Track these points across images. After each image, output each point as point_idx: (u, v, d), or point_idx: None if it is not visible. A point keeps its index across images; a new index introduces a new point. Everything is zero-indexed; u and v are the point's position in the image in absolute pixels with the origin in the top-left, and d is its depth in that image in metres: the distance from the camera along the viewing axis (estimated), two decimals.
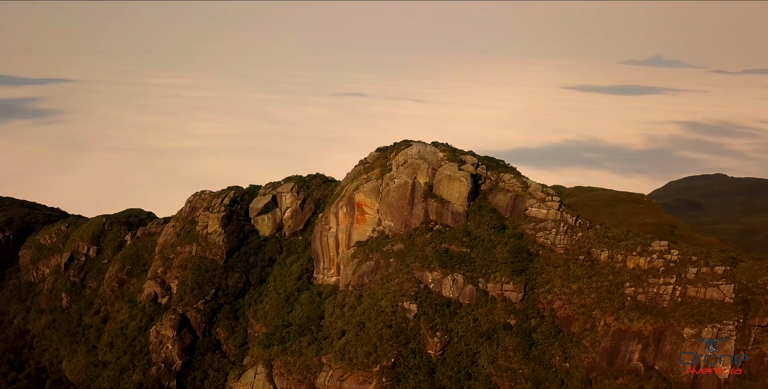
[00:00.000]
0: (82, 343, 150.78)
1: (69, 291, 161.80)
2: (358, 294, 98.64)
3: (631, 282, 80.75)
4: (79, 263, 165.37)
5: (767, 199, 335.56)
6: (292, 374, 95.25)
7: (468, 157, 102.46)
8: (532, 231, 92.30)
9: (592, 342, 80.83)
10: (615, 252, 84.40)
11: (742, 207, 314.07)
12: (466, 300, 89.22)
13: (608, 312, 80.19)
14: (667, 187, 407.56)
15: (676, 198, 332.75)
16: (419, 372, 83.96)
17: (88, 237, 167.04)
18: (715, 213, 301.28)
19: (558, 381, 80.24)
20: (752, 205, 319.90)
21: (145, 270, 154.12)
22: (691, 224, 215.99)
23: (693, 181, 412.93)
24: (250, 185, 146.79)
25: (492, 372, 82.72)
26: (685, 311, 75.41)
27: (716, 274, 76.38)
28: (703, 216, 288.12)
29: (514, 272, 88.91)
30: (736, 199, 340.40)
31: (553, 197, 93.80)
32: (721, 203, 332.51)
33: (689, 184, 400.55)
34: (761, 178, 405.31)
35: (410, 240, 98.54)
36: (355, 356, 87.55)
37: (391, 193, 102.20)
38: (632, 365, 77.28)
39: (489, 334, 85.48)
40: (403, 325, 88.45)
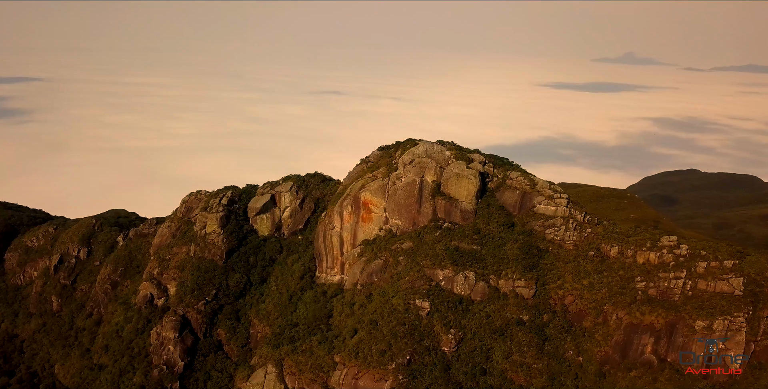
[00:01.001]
0: (75, 346, 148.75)
1: (59, 294, 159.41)
2: (367, 292, 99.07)
3: (641, 277, 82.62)
4: (69, 265, 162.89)
5: (740, 194, 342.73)
6: (304, 373, 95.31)
7: (475, 155, 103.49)
8: (541, 227, 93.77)
9: (604, 336, 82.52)
10: (625, 248, 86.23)
11: (716, 202, 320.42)
12: (478, 296, 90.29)
13: (620, 306, 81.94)
14: (642, 182, 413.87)
15: (651, 194, 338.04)
16: (434, 368, 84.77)
17: (77, 239, 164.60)
18: (691, 208, 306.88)
19: (572, 374, 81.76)
20: (726, 200, 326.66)
21: (139, 272, 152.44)
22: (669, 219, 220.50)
23: (667, 176, 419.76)
24: (247, 185, 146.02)
25: (507, 368, 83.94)
26: (696, 304, 77.49)
27: (725, 268, 78.59)
28: (678, 211, 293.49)
29: (525, 268, 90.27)
30: (710, 194, 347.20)
31: (561, 194, 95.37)
32: (696, 198, 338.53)
33: (664, 179, 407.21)
34: (733, 172, 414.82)
35: (419, 239, 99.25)
36: (369, 354, 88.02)
37: (398, 191, 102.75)
38: (645, 358, 79.14)
39: (502, 330, 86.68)
40: (416, 323, 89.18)
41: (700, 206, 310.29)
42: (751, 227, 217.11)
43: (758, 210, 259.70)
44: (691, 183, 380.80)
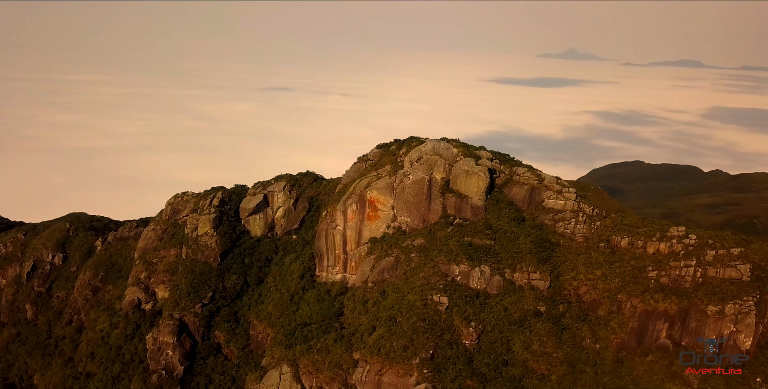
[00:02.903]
0: (55, 355, 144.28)
1: (34, 301, 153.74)
2: (380, 289, 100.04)
3: (653, 266, 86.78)
4: (43, 272, 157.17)
5: (685, 184, 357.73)
6: (321, 372, 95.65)
7: (482, 152, 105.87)
8: (551, 221, 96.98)
9: (619, 324, 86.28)
10: (635, 239, 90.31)
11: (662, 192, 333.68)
12: (494, 290, 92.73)
13: (633, 294, 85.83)
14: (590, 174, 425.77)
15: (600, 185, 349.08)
16: (457, 361, 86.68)
17: (52, 244, 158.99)
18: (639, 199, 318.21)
19: (591, 362, 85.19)
20: (672, 190, 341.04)
21: (121, 277, 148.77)
22: None
23: (614, 168, 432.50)
24: (235, 185, 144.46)
25: (528, 358, 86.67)
26: (707, 290, 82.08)
27: (732, 255, 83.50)
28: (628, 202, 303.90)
29: (540, 261, 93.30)
30: (656, 185, 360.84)
31: (569, 189, 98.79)
32: (642, 189, 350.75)
33: (611, 171, 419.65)
34: (675, 163, 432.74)
35: (431, 235, 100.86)
36: (391, 350, 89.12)
37: (406, 189, 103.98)
38: (660, 342, 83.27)
39: (520, 322, 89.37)
40: (436, 318, 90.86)
41: (648, 196, 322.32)
42: (698, 216, 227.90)
43: (702, 199, 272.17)
44: (637, 174, 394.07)
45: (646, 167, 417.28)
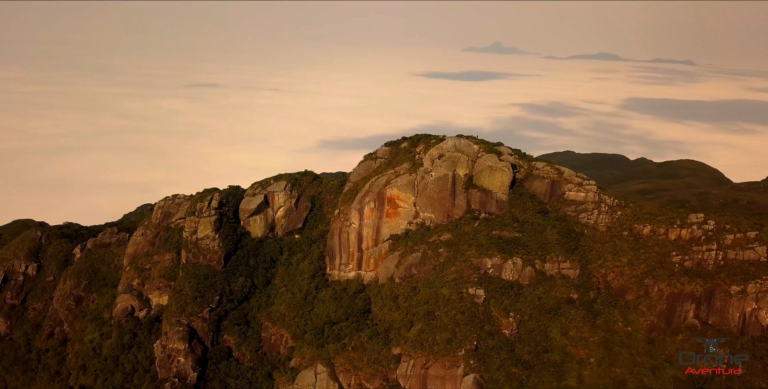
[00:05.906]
0: (39, 370, 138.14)
1: (7, 315, 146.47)
2: (409, 285, 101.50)
3: (676, 251, 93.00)
4: (16, 283, 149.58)
5: (615, 172, 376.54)
6: (360, 369, 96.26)
7: (502, 148, 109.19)
8: (573, 213, 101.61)
9: (648, 307, 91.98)
10: (656, 227, 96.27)
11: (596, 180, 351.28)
12: (526, 281, 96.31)
13: (660, 279, 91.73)
14: None
15: None
16: (501, 351, 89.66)
17: (23, 254, 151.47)
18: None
19: (626, 344, 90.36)
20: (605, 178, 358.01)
21: (106, 285, 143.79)
22: None
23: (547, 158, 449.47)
24: (229, 186, 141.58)
25: (567, 343, 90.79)
26: (729, 272, 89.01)
27: (749, 238, 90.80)
28: None
29: (568, 251, 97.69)
30: (588, 173, 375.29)
31: (589, 181, 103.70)
32: None
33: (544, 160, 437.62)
34: (603, 153, 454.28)
35: (457, 230, 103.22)
36: (434, 343, 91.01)
37: (429, 185, 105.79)
38: (689, 322, 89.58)
39: (555, 310, 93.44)
40: (474, 310, 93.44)
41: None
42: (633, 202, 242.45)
43: (633, 186, 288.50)
44: (569, 163, 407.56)
45: (577, 156, 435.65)
